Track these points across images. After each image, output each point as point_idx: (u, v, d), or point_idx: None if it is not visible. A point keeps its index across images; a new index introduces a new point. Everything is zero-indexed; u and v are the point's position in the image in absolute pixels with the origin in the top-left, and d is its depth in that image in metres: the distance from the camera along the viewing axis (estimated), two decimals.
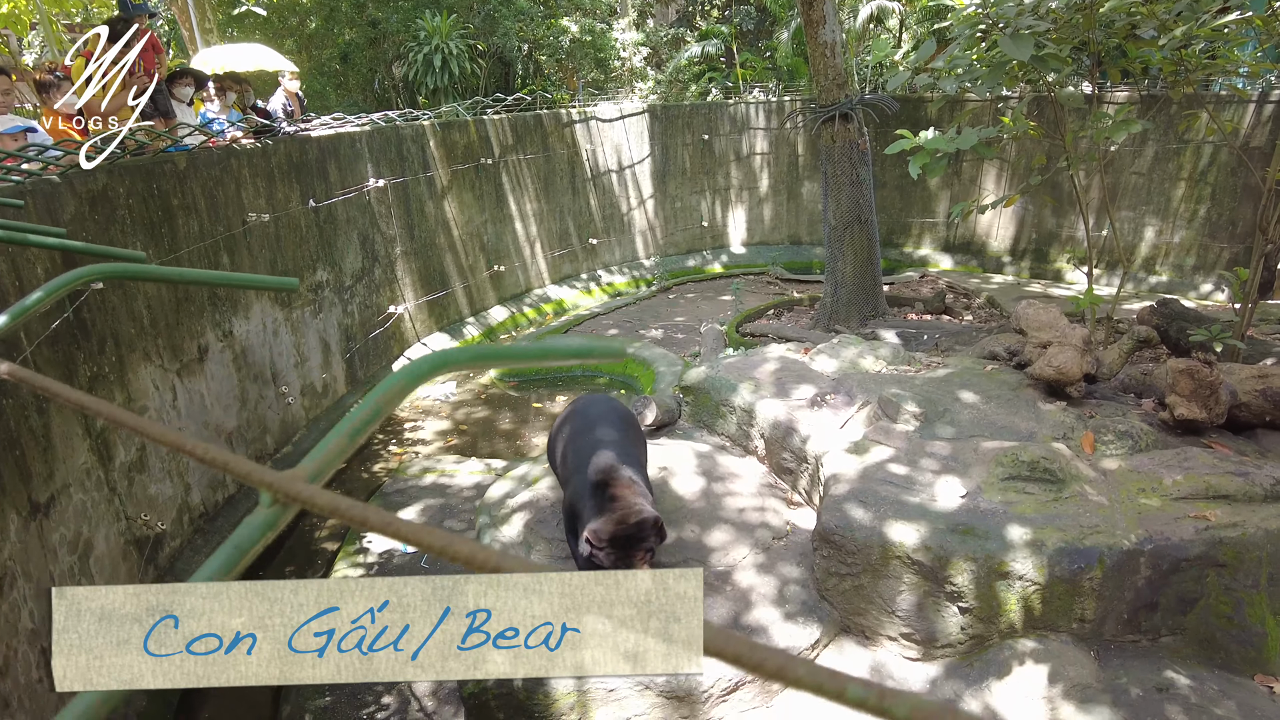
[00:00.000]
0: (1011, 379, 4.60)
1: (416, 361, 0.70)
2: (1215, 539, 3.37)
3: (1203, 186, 11.34)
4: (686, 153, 13.36)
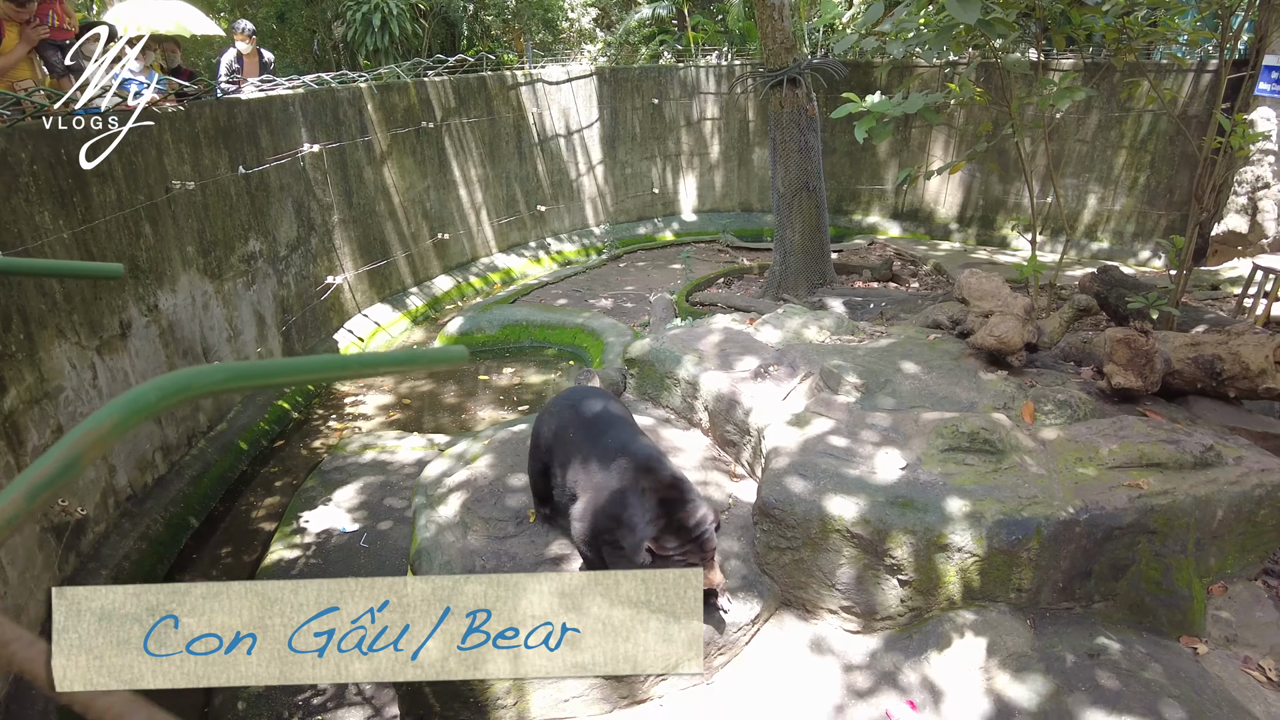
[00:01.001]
0: (953, 348, 4.59)
1: (143, 388, 0.55)
2: (1147, 507, 3.40)
3: (1143, 154, 11.52)
4: (636, 117, 13.13)
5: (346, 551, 5.64)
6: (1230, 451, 3.74)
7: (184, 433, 6.55)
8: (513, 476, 4.28)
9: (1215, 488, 3.53)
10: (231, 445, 6.96)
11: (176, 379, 0.54)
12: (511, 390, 8.26)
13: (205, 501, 6.35)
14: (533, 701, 3.27)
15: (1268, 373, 4.00)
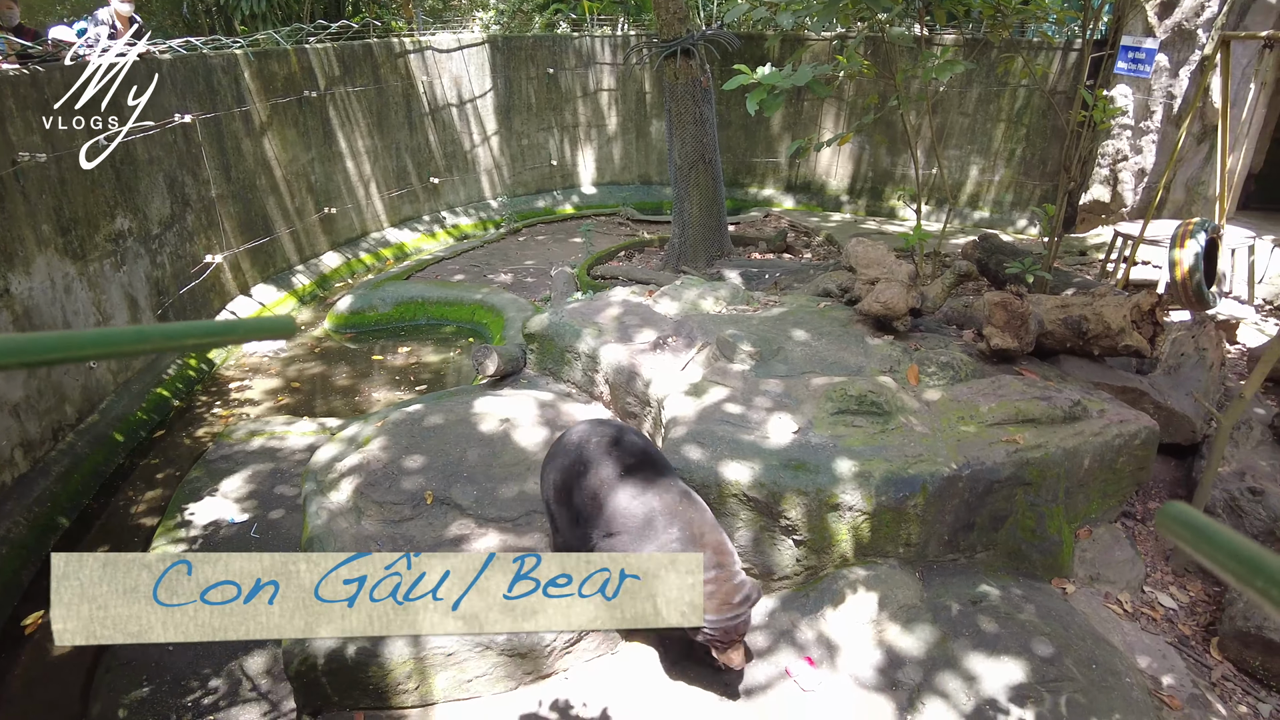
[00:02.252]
0: (842, 315, 4.73)
1: None
2: (1023, 460, 3.61)
3: (1019, 127, 12.10)
4: (531, 87, 12.87)
5: (236, 543, 5.38)
6: (1095, 405, 4.01)
7: (48, 426, 6.08)
8: (407, 459, 4.16)
9: (1082, 439, 3.77)
10: (105, 438, 6.51)
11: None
12: (408, 370, 8.03)
13: (76, 499, 5.92)
14: (435, 684, 3.21)
15: (1126, 331, 4.29)
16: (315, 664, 3.16)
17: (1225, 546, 0.39)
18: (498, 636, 3.20)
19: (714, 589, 2.92)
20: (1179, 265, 6.14)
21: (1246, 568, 0.39)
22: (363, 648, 3.14)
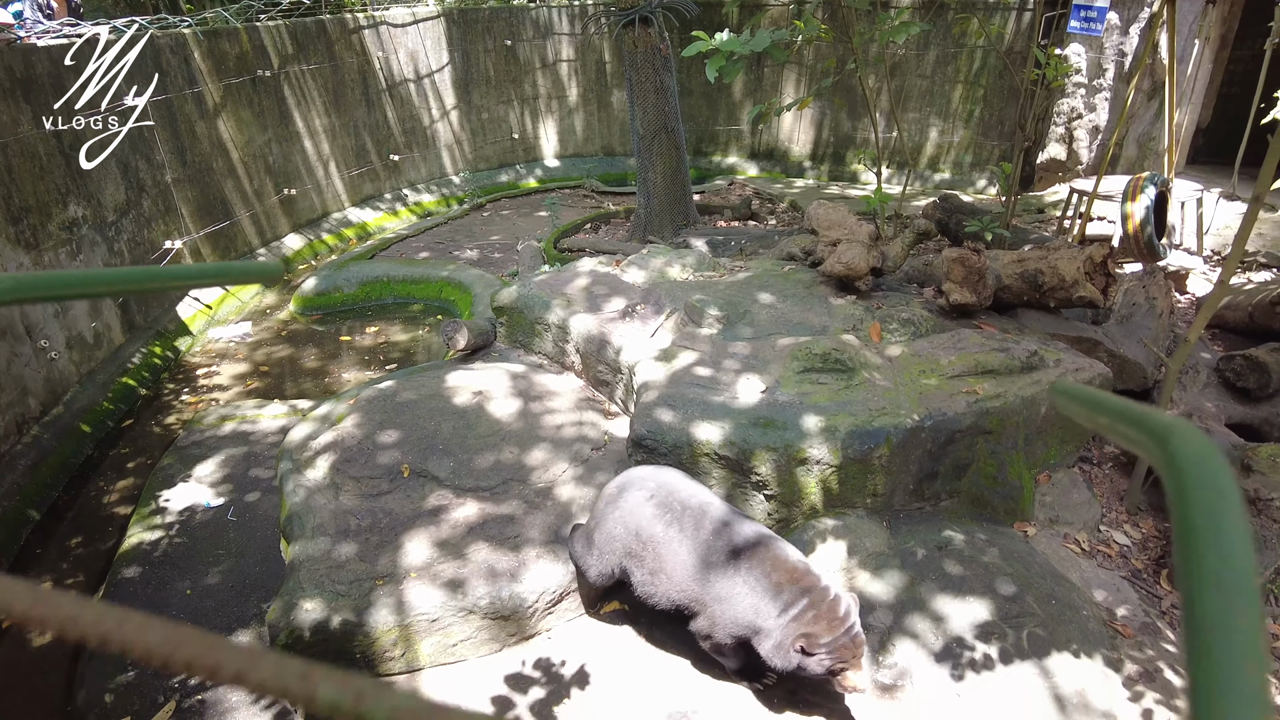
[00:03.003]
0: (806, 277, 4.81)
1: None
2: (983, 410, 3.74)
3: (976, 88, 12.23)
4: (489, 60, 12.71)
5: (214, 527, 5.38)
6: (1051, 355, 4.15)
7: (11, 420, 5.99)
8: (382, 434, 4.19)
9: (1039, 388, 3.91)
10: (72, 429, 6.43)
11: None
12: (377, 350, 8.00)
13: (45, 492, 5.86)
14: (421, 650, 3.28)
15: (1079, 283, 4.43)
16: (301, 636, 3.21)
17: (1111, 409, 0.46)
18: (481, 600, 3.27)
19: (814, 613, 2.76)
20: (1130, 219, 6.31)
21: (1131, 426, 0.45)
22: (347, 619, 3.20)
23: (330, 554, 3.49)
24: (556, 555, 3.47)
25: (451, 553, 3.48)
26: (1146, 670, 3.19)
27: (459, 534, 3.58)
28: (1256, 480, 3.55)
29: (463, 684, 3.26)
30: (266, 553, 4.85)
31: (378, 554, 3.49)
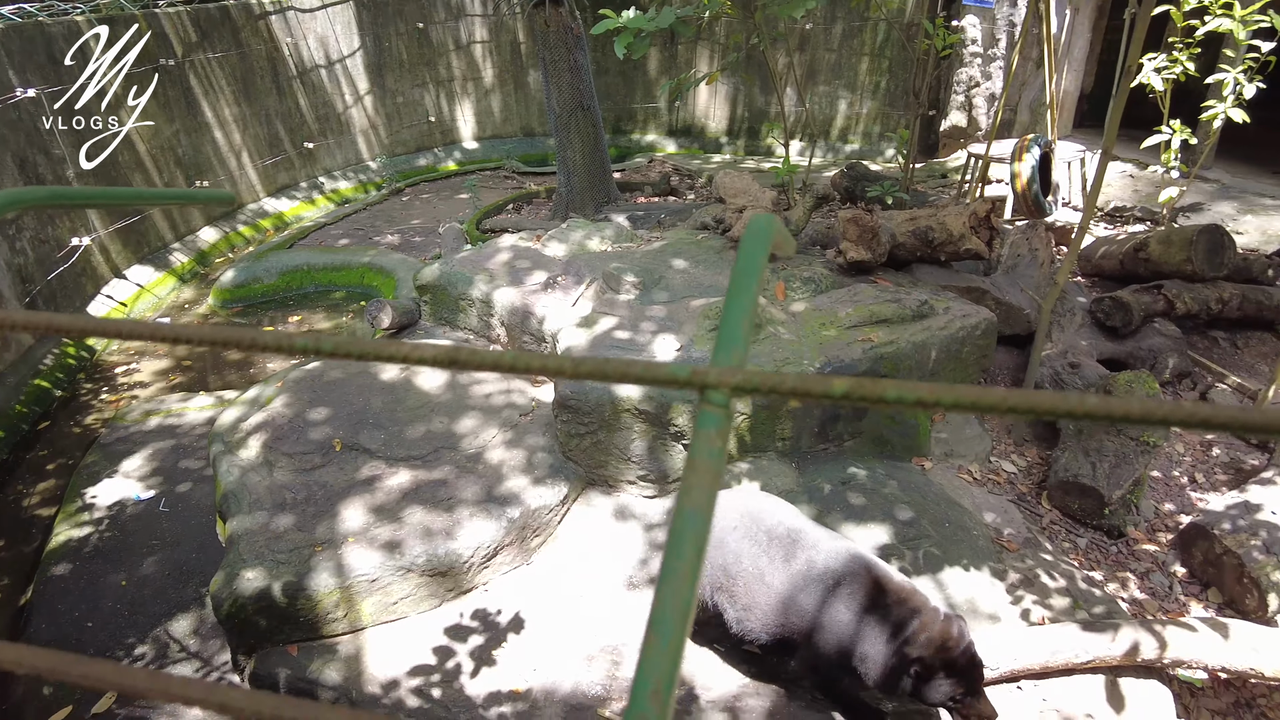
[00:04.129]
0: (717, 244, 5.08)
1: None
2: (878, 355, 4.07)
3: (882, 60, 12.69)
4: (402, 43, 12.58)
5: (146, 520, 5.37)
6: (940, 304, 4.51)
7: None
8: (312, 411, 4.29)
9: (929, 334, 4.26)
10: None
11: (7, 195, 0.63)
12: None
13: None
14: (363, 610, 3.44)
15: (966, 236, 4.80)
16: (245, 604, 3.33)
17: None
18: (418, 559, 3.45)
19: (926, 636, 2.52)
20: (1019, 177, 6.77)
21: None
22: (289, 582, 3.33)
23: (268, 526, 3.61)
24: (489, 513, 3.66)
25: (387, 517, 3.63)
26: (1026, 577, 3.57)
27: (394, 500, 3.73)
28: None
29: (404, 639, 3.44)
30: (202, 540, 4.89)
31: (315, 523, 3.62)
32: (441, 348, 0.41)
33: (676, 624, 0.33)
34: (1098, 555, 4.00)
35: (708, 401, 0.39)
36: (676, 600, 0.33)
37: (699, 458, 0.38)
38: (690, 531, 0.35)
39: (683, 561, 0.34)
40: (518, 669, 3.25)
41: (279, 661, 3.37)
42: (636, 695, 0.31)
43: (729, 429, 0.39)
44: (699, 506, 0.36)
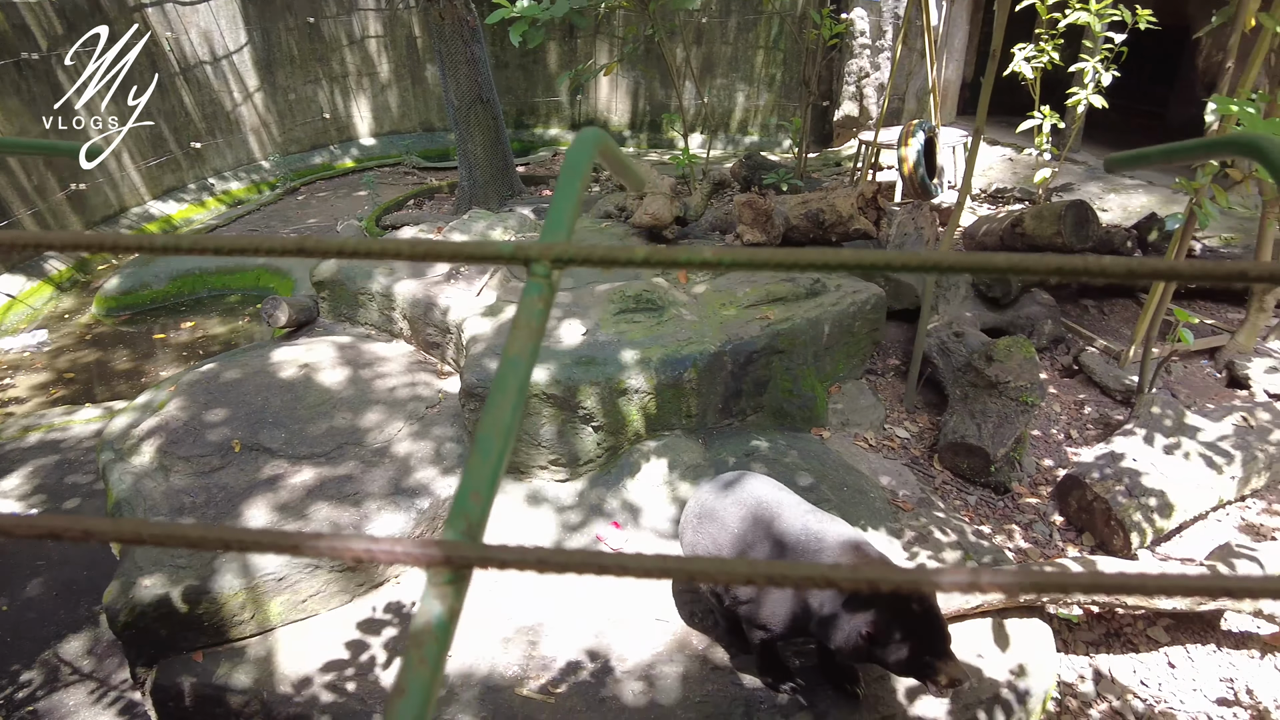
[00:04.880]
0: (619, 230, 5.16)
1: None
2: (775, 332, 4.22)
3: (776, 53, 13.03)
4: (292, 38, 12.17)
5: (28, 540, 5.08)
6: (833, 282, 4.71)
7: None
8: (208, 414, 4.16)
9: (823, 310, 4.45)
10: None
11: None
12: (195, 345, 7.66)
13: None
14: (272, 609, 3.37)
15: (855, 217, 5.02)
16: (143, 613, 3.21)
17: (1178, 150, 0.70)
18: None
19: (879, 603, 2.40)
20: (905, 161, 7.11)
21: (1205, 150, 0.67)
22: (190, 586, 3.23)
23: None
24: (399, 505, 3.63)
25: (293, 514, 3.56)
26: (921, 534, 3.79)
27: (298, 497, 3.66)
28: (996, 368, 4.25)
29: (316, 636, 3.38)
30: (93, 557, 4.68)
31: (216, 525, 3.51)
32: (290, 239, 0.45)
33: (497, 442, 0.38)
34: (986, 510, 4.27)
35: (532, 273, 0.45)
36: (498, 425, 0.39)
37: (523, 317, 0.43)
38: (512, 374, 0.41)
39: (505, 395, 0.40)
40: None
41: (183, 670, 3.26)
42: (460, 495, 0.37)
43: (551, 296, 0.45)
44: (520, 354, 0.42)
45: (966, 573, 0.35)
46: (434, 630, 0.34)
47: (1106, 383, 5.03)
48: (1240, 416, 4.39)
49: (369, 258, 0.45)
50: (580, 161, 0.52)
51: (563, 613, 3.40)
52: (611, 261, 0.44)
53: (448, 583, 0.35)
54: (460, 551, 0.34)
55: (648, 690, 3.08)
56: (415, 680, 0.33)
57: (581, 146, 0.53)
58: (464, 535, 0.36)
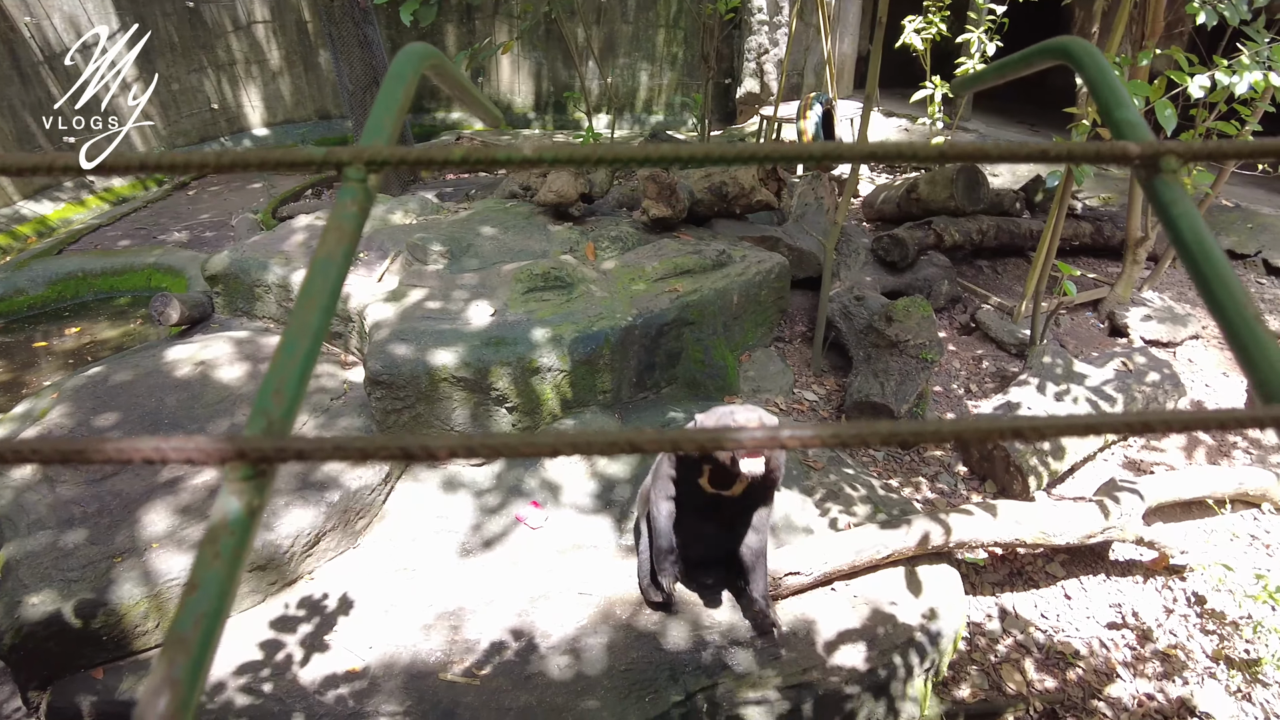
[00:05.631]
0: (525, 210, 5.10)
1: None
2: (684, 304, 4.26)
3: (677, 31, 13.06)
4: (171, 24, 11.52)
5: None
6: (738, 253, 4.78)
7: None
8: (97, 418, 3.93)
9: (729, 280, 4.51)
10: None
11: None
12: (83, 351, 7.22)
13: None
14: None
15: (756, 189, 5.10)
16: (32, 632, 3.03)
17: (1007, 64, 0.69)
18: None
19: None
20: (804, 134, 7.25)
21: (1026, 61, 0.66)
22: (85, 599, 3.06)
23: (56, 545, 3.28)
24: (307, 500, 3.52)
25: (196, 516, 3.41)
26: (832, 491, 3.90)
27: (202, 498, 3.50)
28: (896, 328, 4.40)
29: (228, 640, 3.25)
30: None
31: (112, 534, 3.34)
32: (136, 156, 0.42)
33: (303, 343, 0.37)
34: (893, 465, 4.44)
35: (346, 178, 0.43)
36: (305, 326, 0.38)
37: (335, 220, 0.42)
38: (321, 275, 0.40)
39: (311, 298, 0.39)
40: (353, 649, 3.17)
41: (81, 688, 3.09)
42: (262, 394, 0.36)
43: (366, 202, 0.43)
44: (330, 256, 0.40)
45: (767, 430, 0.36)
46: (230, 526, 0.33)
47: (1001, 337, 5.27)
48: (1120, 362, 4.68)
49: (173, 170, 0.43)
50: (404, 71, 0.51)
51: (484, 594, 3.37)
52: (427, 161, 0.43)
53: (245, 479, 0.33)
54: (255, 445, 0.33)
55: (574, 663, 3.09)
56: (208, 575, 0.31)
57: (407, 58, 0.52)
58: (264, 433, 0.34)
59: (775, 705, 3.01)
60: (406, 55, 0.52)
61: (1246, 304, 0.40)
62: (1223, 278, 0.42)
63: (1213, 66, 3.95)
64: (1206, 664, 3.52)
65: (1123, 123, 0.52)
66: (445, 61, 0.57)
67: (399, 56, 0.52)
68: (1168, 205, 0.47)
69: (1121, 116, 0.52)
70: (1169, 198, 0.47)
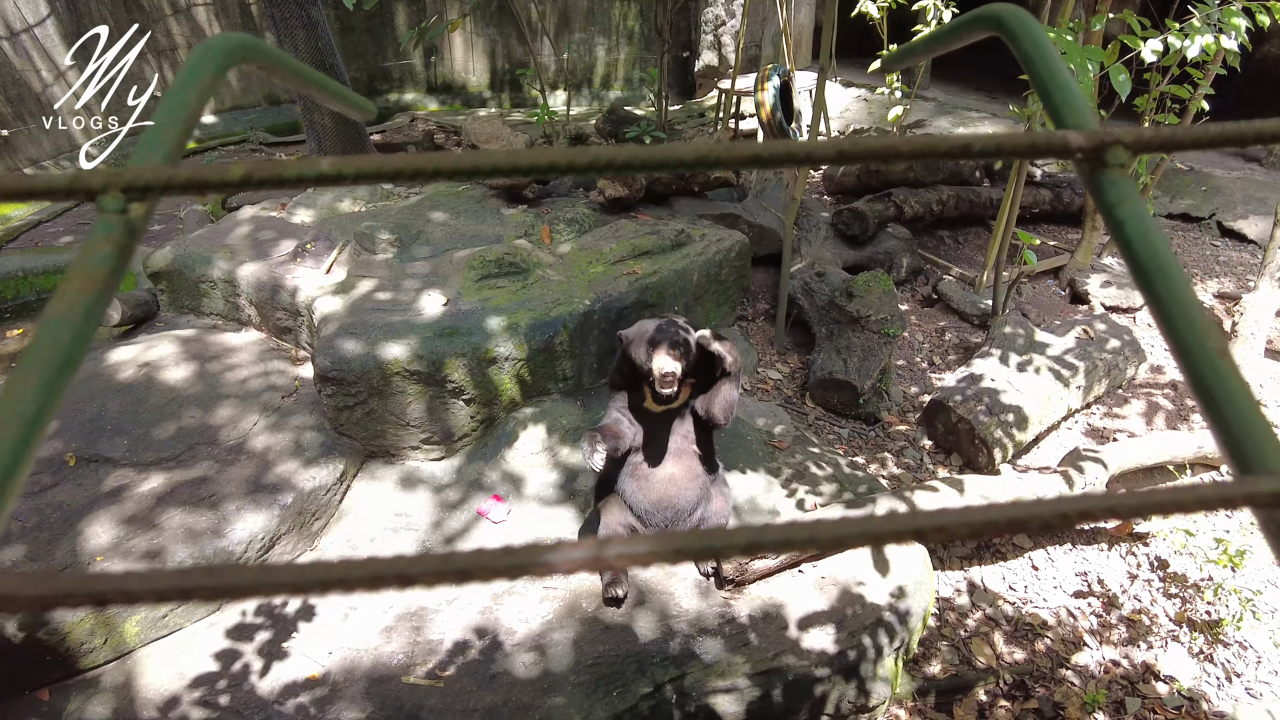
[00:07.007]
0: (477, 193, 4.96)
1: None
2: (643, 286, 4.17)
3: (632, 4, 12.84)
4: (105, 9, 11.07)
5: None
6: (697, 232, 4.69)
7: None
8: None
9: (689, 260, 4.43)
10: None
11: None
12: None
13: None
14: (128, 630, 3.10)
15: None
16: None
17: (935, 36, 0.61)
18: (184, 564, 3.15)
19: None
20: (763, 106, 7.15)
21: (962, 27, 0.58)
22: (25, 619, 2.93)
23: None
24: (260, 504, 3.41)
25: (142, 525, 3.28)
26: (798, 471, 3.87)
27: (147, 507, 3.37)
28: (857, 303, 4.36)
29: (181, 652, 3.15)
30: None
31: (52, 548, 3.20)
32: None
33: (11, 430, 0.28)
34: (859, 442, 4.41)
35: (102, 208, 0.34)
36: (15, 415, 0.29)
37: (81, 264, 0.33)
38: (49, 342, 0.31)
39: (30, 372, 0.30)
40: (313, 656, 3.08)
41: (27, 711, 2.97)
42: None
43: (129, 238, 0.34)
44: (68, 313, 0.31)
45: (587, 549, 0.28)
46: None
47: (964, 308, 5.26)
48: (1082, 329, 4.69)
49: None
50: (200, 69, 0.41)
51: (446, 593, 3.29)
52: (202, 184, 0.34)
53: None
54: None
55: (540, 660, 3.03)
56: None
57: (207, 53, 0.42)
58: None
59: (745, 693, 2.99)
60: (206, 49, 0.43)
61: (1209, 334, 0.33)
62: (1179, 297, 0.35)
63: (1165, 30, 3.92)
64: (1170, 628, 3.55)
65: (1062, 106, 0.45)
66: (269, 52, 0.47)
67: (196, 50, 0.43)
68: (1113, 205, 0.40)
69: (1061, 99, 0.45)
70: (1115, 196, 0.40)
